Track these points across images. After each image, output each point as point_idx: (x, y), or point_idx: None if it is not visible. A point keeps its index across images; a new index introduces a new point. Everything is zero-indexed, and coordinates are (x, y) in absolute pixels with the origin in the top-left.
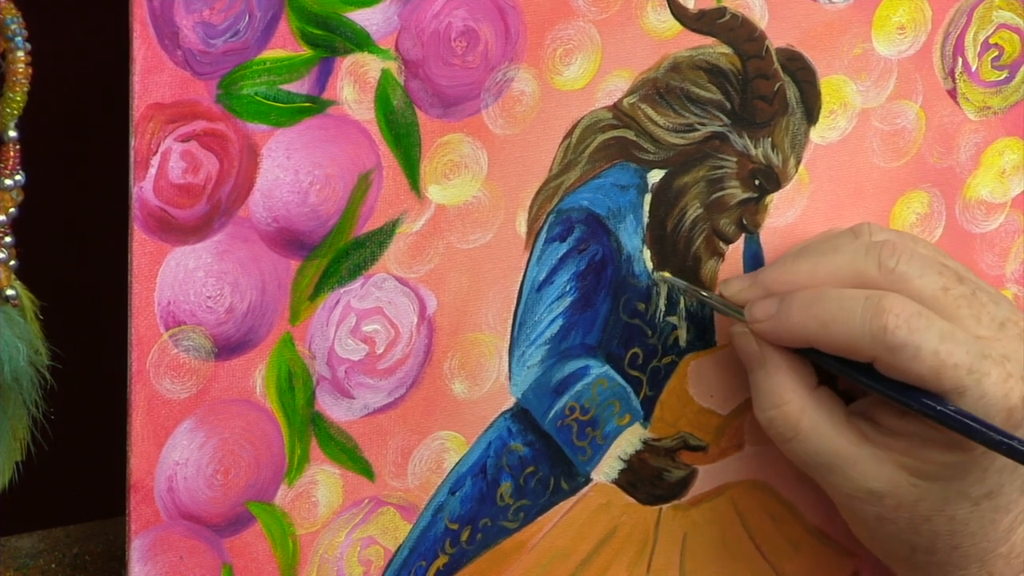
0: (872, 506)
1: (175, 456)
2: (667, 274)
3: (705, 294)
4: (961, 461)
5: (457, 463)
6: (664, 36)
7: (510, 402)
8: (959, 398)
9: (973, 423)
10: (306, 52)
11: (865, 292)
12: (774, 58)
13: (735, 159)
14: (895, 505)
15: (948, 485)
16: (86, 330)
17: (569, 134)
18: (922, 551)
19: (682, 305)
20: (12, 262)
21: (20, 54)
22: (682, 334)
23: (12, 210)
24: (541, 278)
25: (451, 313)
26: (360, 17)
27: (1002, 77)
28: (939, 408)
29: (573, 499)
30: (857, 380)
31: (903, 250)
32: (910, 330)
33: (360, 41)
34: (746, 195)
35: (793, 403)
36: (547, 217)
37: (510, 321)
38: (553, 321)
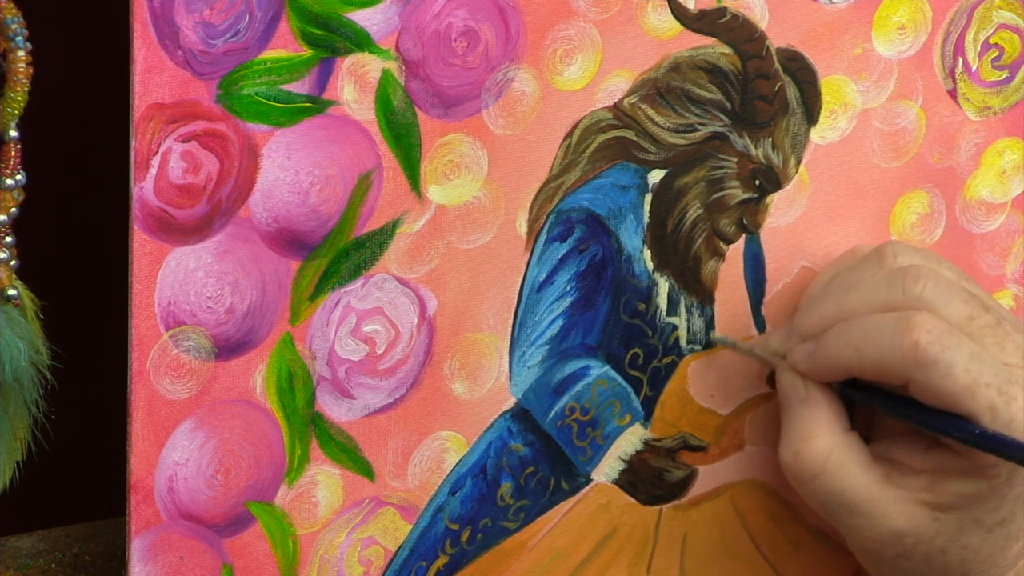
0: (891, 547)
1: (175, 456)
2: (717, 333)
3: (751, 349)
4: (981, 490)
5: (457, 463)
6: (664, 36)
7: (510, 402)
8: (992, 420)
9: (1012, 440)
10: (306, 52)
11: (895, 313)
12: (774, 58)
13: (735, 159)
14: (914, 543)
15: (966, 514)
16: (86, 330)
17: (569, 134)
18: None
19: (682, 305)
20: (13, 262)
21: (20, 54)
22: (682, 334)
23: (13, 210)
24: (541, 278)
25: (451, 313)
26: (360, 17)
27: (1002, 77)
28: (979, 431)
29: (573, 499)
30: (894, 412)
31: (928, 276)
32: (942, 347)
33: (360, 41)
34: (746, 195)
35: (823, 438)
36: (547, 217)
37: (510, 321)
38: (553, 321)
